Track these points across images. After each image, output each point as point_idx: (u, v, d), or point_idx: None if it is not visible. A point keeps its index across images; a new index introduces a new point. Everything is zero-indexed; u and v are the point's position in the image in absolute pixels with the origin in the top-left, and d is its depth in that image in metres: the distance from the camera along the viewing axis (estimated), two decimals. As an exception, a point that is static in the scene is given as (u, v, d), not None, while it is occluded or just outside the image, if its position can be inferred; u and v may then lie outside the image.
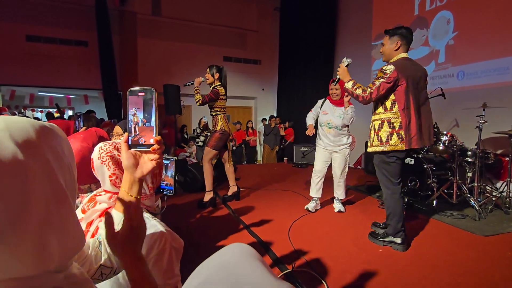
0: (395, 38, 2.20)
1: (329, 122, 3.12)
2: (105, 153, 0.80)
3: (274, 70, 9.60)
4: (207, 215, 3.16)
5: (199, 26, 9.31)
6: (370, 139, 2.31)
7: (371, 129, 2.30)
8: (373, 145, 2.27)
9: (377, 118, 2.25)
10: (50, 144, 0.39)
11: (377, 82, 2.13)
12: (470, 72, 4.46)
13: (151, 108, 0.64)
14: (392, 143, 2.16)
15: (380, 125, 2.21)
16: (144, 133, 0.65)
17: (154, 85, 7.15)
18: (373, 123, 2.28)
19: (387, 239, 2.29)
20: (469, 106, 3.85)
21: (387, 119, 2.18)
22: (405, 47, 2.22)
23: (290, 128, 7.94)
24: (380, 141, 2.20)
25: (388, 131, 2.17)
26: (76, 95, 9.54)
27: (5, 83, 7.83)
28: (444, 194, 3.29)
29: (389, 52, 2.25)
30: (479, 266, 2.01)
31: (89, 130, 1.06)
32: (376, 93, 2.12)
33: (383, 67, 2.14)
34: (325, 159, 3.21)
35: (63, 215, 0.38)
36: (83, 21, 7.93)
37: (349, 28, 7.34)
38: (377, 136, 2.22)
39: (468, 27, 4.48)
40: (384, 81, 2.09)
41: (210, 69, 3.37)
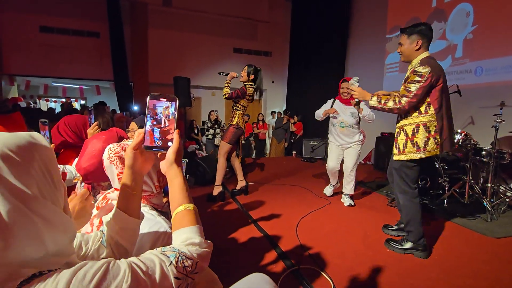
0: (414, 37, 2.06)
1: (341, 122, 3.22)
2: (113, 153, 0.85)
3: (284, 63, 9.48)
4: (215, 209, 3.20)
5: (209, 17, 9.23)
6: (399, 146, 2.12)
7: (401, 135, 2.12)
8: (405, 152, 2.08)
9: (409, 123, 2.08)
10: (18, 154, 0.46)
11: (412, 87, 1.97)
12: (488, 68, 4.30)
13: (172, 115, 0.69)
14: (430, 148, 2.03)
15: (415, 130, 2.05)
16: (162, 136, 0.69)
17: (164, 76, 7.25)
18: (403, 128, 2.11)
19: (408, 246, 2.17)
20: (486, 105, 3.73)
21: (423, 123, 2.03)
22: (426, 46, 2.07)
23: (299, 122, 7.88)
24: (416, 148, 2.04)
25: (425, 136, 2.02)
26: (88, 85, 9.69)
27: (21, 73, 8.01)
28: (455, 193, 3.24)
29: (409, 52, 2.10)
30: (489, 269, 1.98)
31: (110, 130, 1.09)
32: (416, 99, 1.97)
33: (417, 69, 1.98)
34: (338, 156, 3.37)
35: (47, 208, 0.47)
36: (95, 12, 7.98)
37: (363, 20, 7.14)
38: (412, 142, 2.05)
39: (489, 20, 4.29)
40: (421, 85, 1.95)
41: (249, 67, 3.43)
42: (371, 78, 6.50)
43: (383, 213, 3.07)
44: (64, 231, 0.50)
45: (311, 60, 8.14)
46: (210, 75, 9.48)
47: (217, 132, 6.71)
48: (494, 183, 3.12)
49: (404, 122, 2.11)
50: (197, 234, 0.63)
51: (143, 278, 0.50)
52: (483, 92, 4.30)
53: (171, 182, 0.69)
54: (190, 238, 0.62)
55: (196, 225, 0.65)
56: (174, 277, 0.54)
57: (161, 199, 0.96)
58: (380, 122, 6.39)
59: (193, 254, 0.59)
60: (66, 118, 1.86)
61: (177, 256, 0.57)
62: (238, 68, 3.97)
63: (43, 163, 0.49)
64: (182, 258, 0.57)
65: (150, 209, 0.87)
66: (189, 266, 0.57)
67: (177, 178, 0.69)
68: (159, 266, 0.53)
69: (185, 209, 0.66)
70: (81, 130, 1.84)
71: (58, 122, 1.85)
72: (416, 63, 2.05)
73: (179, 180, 0.69)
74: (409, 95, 1.97)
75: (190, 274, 0.57)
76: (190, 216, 0.66)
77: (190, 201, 0.69)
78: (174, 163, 0.69)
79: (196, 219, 0.66)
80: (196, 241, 0.61)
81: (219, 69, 9.52)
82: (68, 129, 1.81)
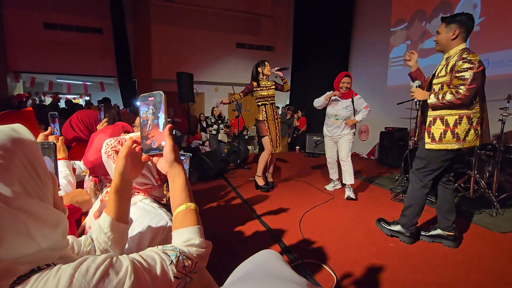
0: (452, 26, 1.98)
1: (336, 115, 3.39)
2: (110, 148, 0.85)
3: (288, 57, 9.41)
4: (219, 204, 3.22)
5: (212, 12, 9.17)
6: (433, 135, 2.07)
7: (436, 123, 2.07)
8: (443, 142, 2.04)
9: (452, 113, 2.01)
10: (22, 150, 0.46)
11: (466, 74, 1.88)
12: (495, 61, 4.23)
13: (160, 110, 0.67)
14: (469, 139, 2.00)
15: (458, 121, 1.99)
16: (156, 136, 0.68)
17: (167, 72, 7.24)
18: (442, 118, 2.04)
19: (396, 229, 2.28)
20: (493, 98, 3.66)
21: (467, 114, 1.97)
22: (463, 36, 1.99)
23: (303, 117, 7.85)
24: (456, 138, 2.01)
25: (467, 127, 1.98)
26: (92, 82, 9.73)
27: (25, 70, 8.07)
28: (460, 188, 3.21)
29: (445, 41, 2.03)
30: (494, 264, 1.97)
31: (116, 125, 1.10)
32: (475, 85, 1.87)
33: (465, 56, 1.90)
34: (333, 148, 3.55)
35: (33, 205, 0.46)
36: (98, 8, 7.97)
37: (367, 13, 7.04)
38: (453, 132, 2.01)
39: (496, 12, 4.20)
40: (474, 70, 1.86)
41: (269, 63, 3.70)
42: (376, 72, 6.43)
43: (387, 208, 3.06)
44: (55, 226, 0.49)
45: (315, 54, 8.07)
46: (213, 71, 9.47)
47: (221, 128, 6.71)
48: (500, 177, 3.09)
49: (445, 112, 2.03)
50: (198, 234, 0.64)
51: (144, 276, 0.50)
52: (489, 86, 4.20)
53: (173, 180, 0.68)
54: (191, 239, 0.62)
55: (196, 226, 0.66)
56: (174, 276, 0.54)
57: (162, 191, 0.96)
58: (384, 117, 6.35)
59: (193, 255, 0.61)
60: (79, 112, 1.87)
61: (177, 255, 0.57)
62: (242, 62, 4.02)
63: (26, 158, 0.47)
64: (183, 258, 0.58)
65: (151, 201, 0.88)
66: (189, 266, 0.58)
67: (179, 177, 0.68)
68: (160, 265, 0.54)
69: (186, 208, 0.66)
70: (93, 125, 1.85)
71: (71, 116, 1.86)
72: (459, 53, 1.96)
73: (181, 179, 0.68)
74: (466, 82, 1.88)
75: (189, 274, 0.58)
76: (191, 215, 0.66)
77: (191, 200, 0.68)
78: (175, 162, 0.68)
79: (197, 219, 0.67)
80: (196, 242, 0.62)
81: (222, 64, 9.54)
82: (81, 123, 1.82)
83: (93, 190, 1.10)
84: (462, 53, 1.94)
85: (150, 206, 0.85)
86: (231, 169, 4.82)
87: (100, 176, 1.06)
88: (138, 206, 0.84)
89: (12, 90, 8.06)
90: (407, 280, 1.78)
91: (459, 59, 1.92)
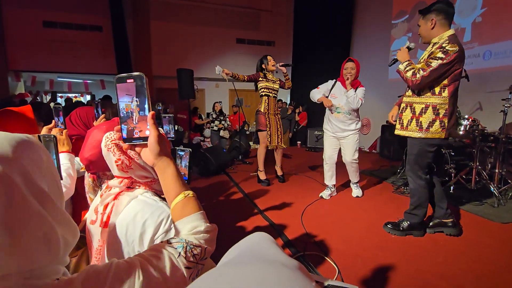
0: (429, 16, 1.98)
1: (338, 107, 3.01)
2: (110, 141, 0.85)
3: (288, 52, 9.36)
4: (221, 199, 3.24)
5: (211, 8, 9.12)
6: (403, 122, 2.13)
7: (407, 111, 2.11)
8: (408, 129, 2.10)
9: (420, 101, 2.04)
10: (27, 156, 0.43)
11: (433, 62, 1.87)
12: (498, 52, 4.19)
13: (143, 95, 0.60)
14: (433, 130, 2.01)
15: (423, 110, 2.02)
16: (139, 124, 0.62)
17: (167, 68, 7.22)
18: (412, 106, 2.08)
19: (407, 227, 2.24)
20: (495, 89, 3.65)
21: (433, 104, 1.99)
22: (444, 23, 1.96)
23: (304, 112, 7.84)
24: (419, 127, 2.04)
25: (431, 118, 1.99)
26: (93, 80, 9.73)
27: (26, 69, 8.07)
28: (462, 180, 3.21)
29: (425, 33, 2.03)
30: (496, 254, 1.98)
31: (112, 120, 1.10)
32: (432, 77, 1.89)
33: (444, 45, 1.88)
34: (334, 146, 3.15)
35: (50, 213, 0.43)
36: (98, 6, 7.94)
37: (368, 6, 6.98)
38: (417, 121, 2.04)
39: (499, 2, 4.15)
40: (442, 62, 1.85)
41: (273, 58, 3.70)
42: (377, 65, 6.39)
43: (389, 201, 3.07)
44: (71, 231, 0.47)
45: (315, 48, 8.02)
46: (214, 67, 9.43)
47: (222, 123, 6.70)
48: (502, 169, 3.09)
49: (415, 99, 2.08)
50: (202, 220, 0.63)
51: (153, 274, 0.49)
52: (491, 77, 4.20)
53: (163, 173, 0.65)
54: (196, 227, 0.62)
55: (199, 212, 0.65)
56: (185, 267, 0.54)
57: None
58: (386, 111, 6.33)
59: (200, 241, 0.60)
60: (79, 109, 1.88)
61: (184, 246, 0.57)
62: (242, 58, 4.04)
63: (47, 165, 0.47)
64: (190, 247, 0.57)
65: (152, 195, 0.88)
66: (198, 254, 0.58)
67: (169, 168, 0.65)
68: (168, 259, 0.53)
69: (185, 197, 0.65)
70: (90, 122, 1.86)
71: (71, 113, 1.87)
72: (442, 41, 1.94)
73: (171, 169, 0.65)
74: (426, 69, 1.89)
75: (200, 261, 0.58)
76: (192, 203, 0.65)
77: (187, 188, 0.66)
78: (162, 154, 0.64)
79: (198, 205, 0.66)
80: (201, 229, 0.62)
81: (222, 60, 9.50)
82: (80, 120, 1.83)
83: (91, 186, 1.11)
84: (445, 42, 1.91)
85: (152, 199, 0.85)
86: (232, 165, 4.83)
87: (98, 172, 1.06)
88: (139, 200, 0.84)
89: (13, 89, 8.08)
90: (409, 271, 1.80)
91: (439, 47, 1.91)
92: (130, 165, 0.83)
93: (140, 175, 0.87)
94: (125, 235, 0.79)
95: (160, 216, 0.80)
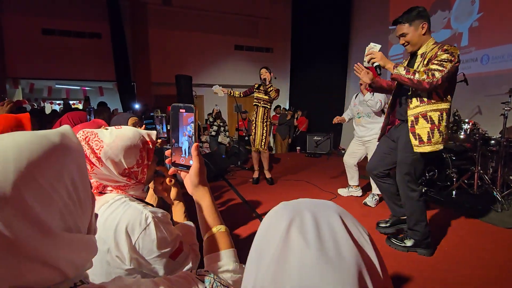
0: (417, 22, 1.86)
1: (358, 113, 3.14)
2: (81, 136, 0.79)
3: (286, 58, 9.42)
4: (220, 205, 3.19)
5: (210, 15, 9.19)
6: (420, 136, 1.87)
7: (420, 122, 1.88)
8: (432, 142, 1.86)
9: (434, 109, 1.85)
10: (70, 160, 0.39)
11: (446, 64, 1.74)
12: (495, 56, 4.20)
13: (192, 125, 0.64)
14: (447, 137, 1.92)
15: (441, 118, 1.85)
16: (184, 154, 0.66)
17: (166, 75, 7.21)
18: (426, 115, 1.86)
19: (410, 244, 2.06)
20: (494, 93, 3.64)
21: (446, 110, 1.86)
22: (429, 27, 1.89)
23: (302, 117, 7.83)
24: (442, 137, 1.85)
25: (446, 125, 1.88)
26: (91, 87, 9.73)
27: (24, 76, 8.07)
28: (464, 184, 3.17)
29: (417, 39, 1.89)
30: (500, 259, 1.93)
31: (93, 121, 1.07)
32: (447, 77, 1.74)
33: (447, 47, 1.77)
34: (354, 150, 3.21)
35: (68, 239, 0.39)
36: (96, 13, 7.99)
37: (365, 12, 7.05)
38: (439, 130, 1.84)
39: (495, 7, 4.19)
40: (453, 64, 1.75)
41: (267, 69, 3.71)
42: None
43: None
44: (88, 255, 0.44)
45: (313, 54, 8.07)
46: (212, 73, 9.46)
47: (221, 130, 6.67)
48: (504, 173, 3.05)
49: (427, 108, 1.87)
50: (231, 259, 0.63)
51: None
52: (490, 81, 4.21)
53: (199, 203, 0.67)
54: (225, 265, 0.61)
55: (230, 249, 0.64)
56: None
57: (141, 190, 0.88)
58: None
59: (228, 281, 0.59)
60: (70, 114, 1.85)
61: (211, 282, 0.56)
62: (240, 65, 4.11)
63: (70, 181, 0.39)
64: (217, 285, 0.56)
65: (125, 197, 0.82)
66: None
67: (204, 199, 0.67)
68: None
69: (217, 231, 0.65)
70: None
71: (61, 117, 1.84)
72: (434, 46, 1.85)
73: (207, 201, 0.67)
74: (444, 70, 1.73)
75: None
76: (224, 239, 0.65)
77: (221, 222, 0.67)
78: (199, 185, 0.67)
79: (229, 241, 0.66)
80: (230, 268, 0.61)
81: (221, 66, 9.54)
82: (72, 124, 1.80)
83: None
84: (442, 46, 1.81)
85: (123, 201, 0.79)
86: (231, 171, 4.79)
87: None
88: (109, 204, 0.78)
89: (11, 96, 8.06)
90: (413, 277, 1.74)
91: (441, 50, 1.78)
92: (92, 170, 0.77)
93: (106, 179, 0.80)
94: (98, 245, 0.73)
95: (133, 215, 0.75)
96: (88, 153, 0.75)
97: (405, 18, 1.92)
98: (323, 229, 0.33)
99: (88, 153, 0.75)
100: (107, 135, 0.78)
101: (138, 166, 0.83)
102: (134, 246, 0.73)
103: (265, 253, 0.34)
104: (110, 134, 0.78)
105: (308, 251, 0.31)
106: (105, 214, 0.76)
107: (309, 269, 0.29)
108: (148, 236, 0.74)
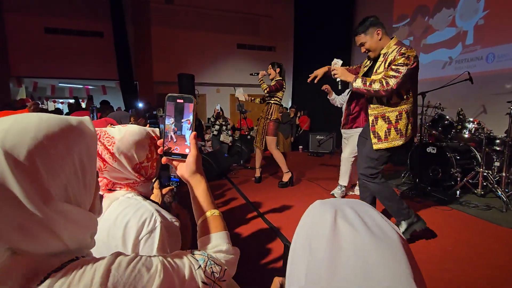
0: (371, 30, 2.03)
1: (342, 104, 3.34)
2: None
3: (289, 57, 9.38)
4: (222, 204, 3.19)
5: (212, 14, 9.18)
6: (379, 134, 2.06)
7: (379, 122, 2.06)
8: (389, 140, 2.04)
9: (393, 110, 2.03)
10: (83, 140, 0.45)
11: (401, 68, 1.89)
12: (501, 54, 4.16)
13: (189, 115, 0.65)
14: (408, 134, 2.05)
15: (398, 117, 2.02)
16: (179, 142, 0.66)
17: (168, 74, 7.23)
18: (385, 116, 2.05)
19: (405, 227, 2.12)
20: (499, 91, 3.60)
21: (405, 110, 2.01)
22: (385, 32, 2.06)
23: (304, 116, 7.80)
24: (400, 134, 2.02)
25: (406, 123, 2.02)
26: (94, 85, 9.77)
27: (28, 75, 8.11)
28: (468, 184, 3.14)
29: (375, 45, 2.06)
30: (504, 259, 1.92)
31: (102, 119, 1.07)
32: (402, 82, 1.89)
33: (404, 51, 1.90)
34: (354, 147, 3.13)
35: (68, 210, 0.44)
36: (98, 12, 8.01)
37: (368, 10, 6.98)
38: (396, 129, 2.02)
39: (501, 4, 4.14)
40: (409, 67, 1.88)
41: (273, 66, 3.68)
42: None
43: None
44: (85, 228, 0.48)
45: (316, 53, 8.00)
46: (215, 72, 9.46)
47: (223, 129, 6.66)
48: (508, 173, 3.02)
49: (387, 109, 2.06)
50: (225, 240, 0.64)
51: (173, 276, 0.50)
52: (495, 79, 4.16)
53: (195, 189, 0.69)
54: (218, 245, 0.62)
55: (223, 231, 0.66)
56: (201, 282, 0.53)
57: (148, 188, 0.91)
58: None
59: (221, 261, 0.60)
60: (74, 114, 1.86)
61: (205, 260, 0.56)
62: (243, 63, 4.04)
63: (79, 160, 0.45)
64: (211, 264, 0.57)
65: (135, 195, 0.83)
66: (217, 273, 0.57)
67: (200, 185, 0.69)
68: (188, 268, 0.53)
69: (211, 215, 0.67)
70: None
71: None
72: (395, 48, 1.97)
73: (202, 187, 0.69)
74: (399, 76, 1.89)
75: (218, 281, 0.56)
76: (217, 222, 0.66)
77: (215, 207, 0.69)
78: (196, 171, 0.68)
79: (223, 225, 0.67)
80: (223, 248, 0.62)
81: (223, 65, 9.53)
82: None
83: None
84: (400, 48, 1.94)
85: (134, 199, 0.81)
86: (234, 170, 4.78)
87: None
88: (120, 201, 0.79)
89: (15, 95, 8.11)
90: (416, 278, 1.73)
91: (398, 54, 1.92)
92: (105, 167, 0.79)
93: (117, 177, 0.82)
94: (107, 240, 0.74)
95: (143, 215, 0.75)
96: (100, 150, 0.78)
97: (360, 29, 2.10)
98: (365, 218, 0.39)
99: (100, 150, 0.78)
100: (116, 131, 0.81)
101: (148, 160, 0.86)
102: (137, 245, 0.74)
103: (315, 243, 0.38)
104: (119, 131, 0.81)
105: (358, 236, 0.36)
106: (117, 211, 0.77)
107: (364, 250, 0.34)
108: (151, 239, 0.75)
